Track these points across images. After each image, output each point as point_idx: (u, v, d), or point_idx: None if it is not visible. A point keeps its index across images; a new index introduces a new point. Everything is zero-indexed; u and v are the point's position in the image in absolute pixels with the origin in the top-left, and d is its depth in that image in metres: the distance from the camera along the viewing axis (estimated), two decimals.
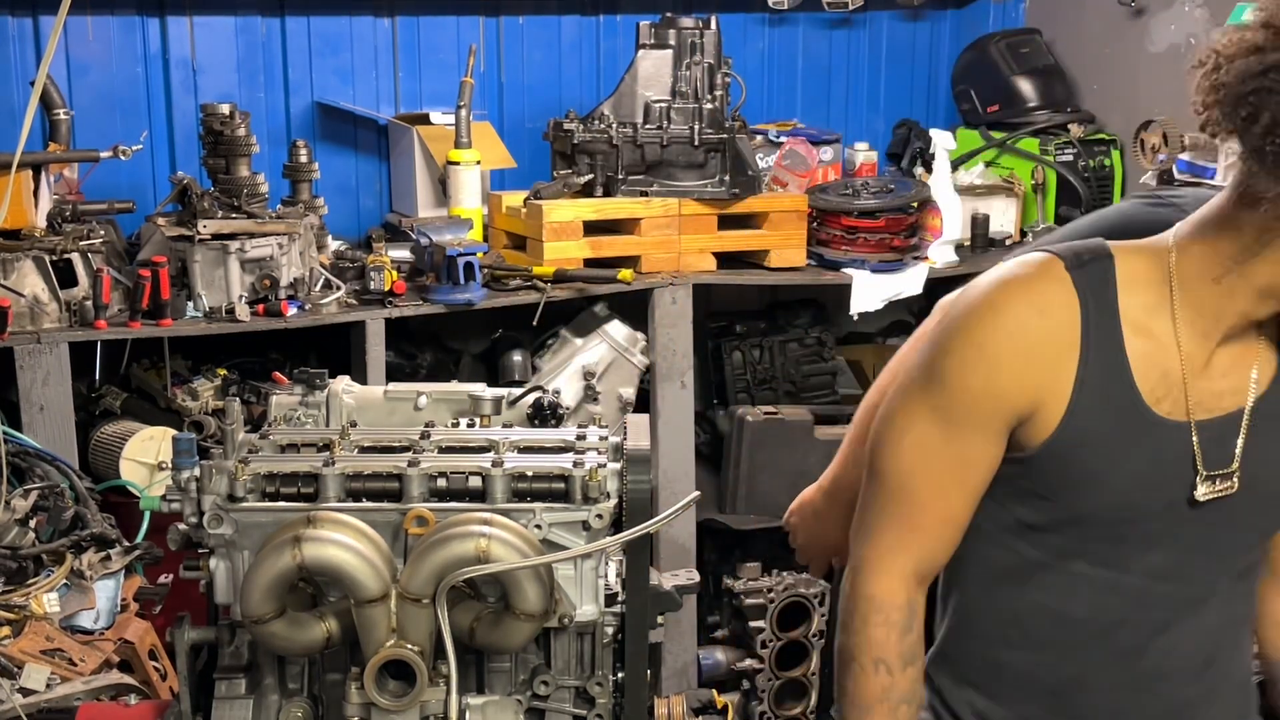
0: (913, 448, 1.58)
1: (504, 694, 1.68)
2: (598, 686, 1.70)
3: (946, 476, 1.58)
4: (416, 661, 1.53)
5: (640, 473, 1.65)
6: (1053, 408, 1.53)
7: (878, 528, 1.62)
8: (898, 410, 1.61)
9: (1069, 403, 1.52)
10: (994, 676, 1.68)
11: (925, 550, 1.61)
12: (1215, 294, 1.51)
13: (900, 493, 1.60)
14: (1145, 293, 1.54)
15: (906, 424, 1.59)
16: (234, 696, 1.68)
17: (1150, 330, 1.53)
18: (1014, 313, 1.52)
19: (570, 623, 1.65)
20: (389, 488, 1.64)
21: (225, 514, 1.60)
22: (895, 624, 1.61)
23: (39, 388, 3.12)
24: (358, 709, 1.58)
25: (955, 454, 1.56)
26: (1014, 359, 1.52)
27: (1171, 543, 1.59)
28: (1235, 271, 1.49)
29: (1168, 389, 1.54)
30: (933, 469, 1.58)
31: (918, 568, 1.62)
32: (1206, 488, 1.56)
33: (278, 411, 1.97)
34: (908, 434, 1.58)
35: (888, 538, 1.61)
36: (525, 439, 1.78)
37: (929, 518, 1.60)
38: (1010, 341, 1.52)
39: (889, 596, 1.61)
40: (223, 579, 1.62)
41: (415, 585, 1.53)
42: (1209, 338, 1.54)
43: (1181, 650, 1.64)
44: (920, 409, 1.57)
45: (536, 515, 1.61)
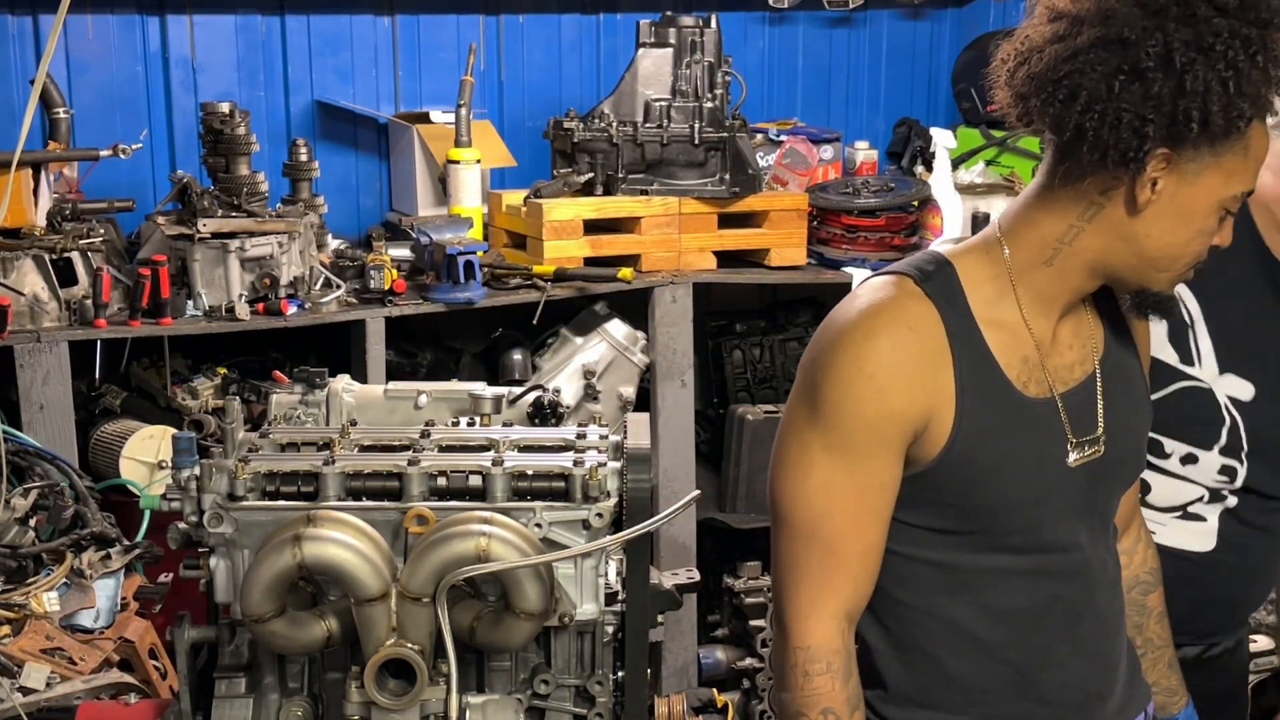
0: (818, 489, 1.59)
1: (504, 693, 1.68)
2: (598, 685, 1.69)
3: (859, 509, 1.59)
4: (417, 660, 1.53)
5: (640, 472, 1.65)
6: (942, 417, 1.57)
7: (800, 577, 1.62)
8: (792, 454, 1.61)
9: (955, 408, 1.57)
10: (948, 690, 1.68)
11: (852, 587, 1.62)
12: (1049, 276, 1.60)
13: (815, 537, 1.60)
14: (988, 288, 1.61)
15: (806, 467, 1.59)
16: (234, 695, 1.68)
17: (1001, 321, 1.61)
18: (888, 334, 1.56)
19: (570, 622, 1.64)
20: (389, 487, 1.64)
21: (225, 513, 1.60)
22: (838, 671, 1.61)
23: (39, 386, 3.12)
24: (358, 708, 1.58)
25: (862, 485, 1.58)
26: (900, 379, 1.55)
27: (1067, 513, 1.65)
28: (1064, 252, 1.59)
29: (1030, 371, 1.62)
30: (844, 506, 1.59)
31: (848, 608, 1.62)
32: (1077, 454, 1.63)
33: (278, 410, 1.97)
34: (810, 477, 1.59)
35: (813, 584, 1.61)
36: (525, 438, 1.78)
37: (850, 554, 1.60)
38: (893, 363, 1.55)
39: (826, 644, 1.61)
40: (223, 578, 1.62)
41: (415, 584, 1.52)
42: (1050, 315, 1.63)
43: (1106, 607, 1.71)
44: (815, 449, 1.58)
45: (537, 514, 1.61)
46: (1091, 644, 1.70)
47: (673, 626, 3.75)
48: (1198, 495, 1.99)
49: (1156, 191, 1.52)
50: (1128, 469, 1.74)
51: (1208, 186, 1.53)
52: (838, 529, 1.59)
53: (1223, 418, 1.95)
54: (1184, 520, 1.99)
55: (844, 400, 1.56)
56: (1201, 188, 1.53)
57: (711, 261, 3.79)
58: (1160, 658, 1.89)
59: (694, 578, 1.83)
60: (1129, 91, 1.47)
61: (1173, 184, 1.52)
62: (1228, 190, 1.54)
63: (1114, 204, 1.55)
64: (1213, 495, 1.99)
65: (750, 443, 3.87)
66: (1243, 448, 1.95)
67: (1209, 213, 1.55)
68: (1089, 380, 1.67)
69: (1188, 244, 1.57)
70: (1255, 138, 1.54)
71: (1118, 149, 1.50)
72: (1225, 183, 1.54)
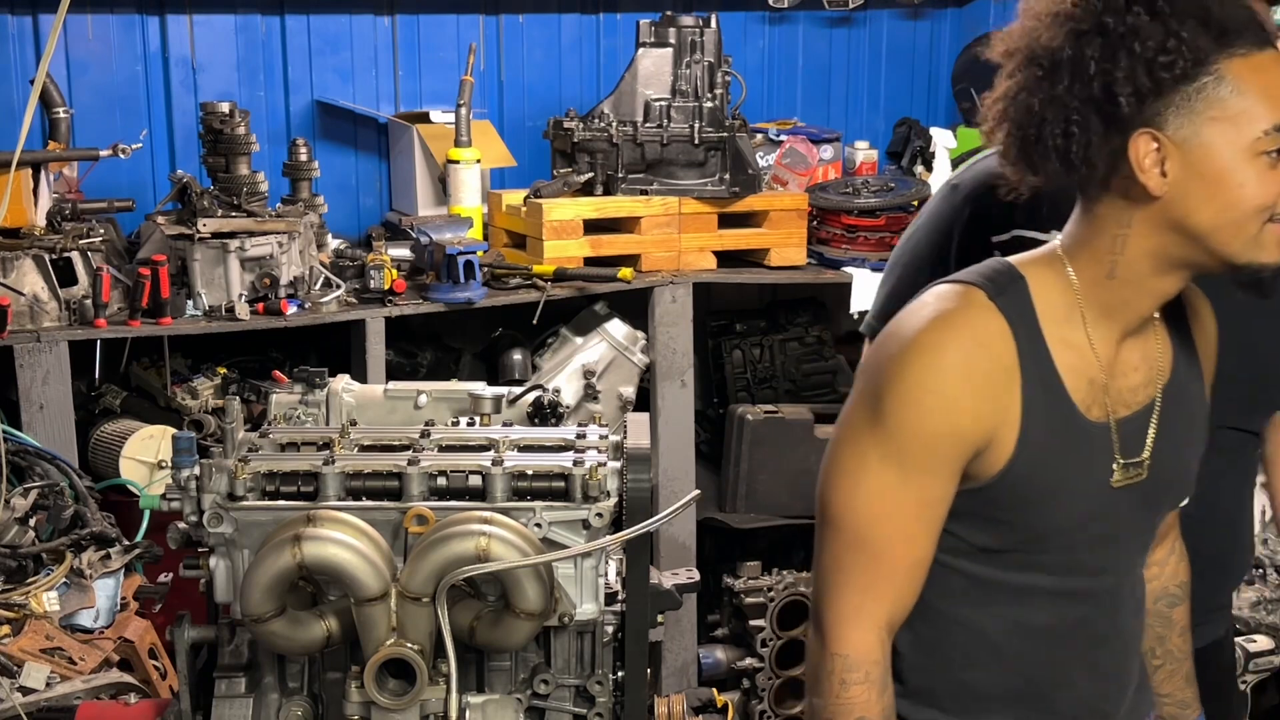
0: (871, 497, 1.56)
1: (504, 693, 1.68)
2: (598, 685, 1.69)
3: (911, 521, 1.57)
4: (416, 660, 1.53)
5: (640, 471, 1.65)
6: (1006, 436, 1.54)
7: (844, 583, 1.59)
8: (847, 459, 1.58)
9: (1020, 428, 1.54)
10: (962, 696, 1.67)
11: (896, 598, 1.59)
12: (1115, 288, 1.56)
13: (864, 544, 1.57)
14: (1057, 304, 1.58)
15: (860, 473, 1.56)
16: (234, 695, 1.68)
17: (1070, 341, 1.57)
18: (958, 349, 1.53)
19: (570, 621, 1.64)
20: (389, 486, 1.64)
21: (225, 513, 1.60)
22: (875, 681, 1.59)
23: (39, 386, 3.12)
24: (358, 708, 1.58)
25: (916, 497, 1.55)
26: (967, 396, 1.52)
27: (1106, 536, 1.64)
28: (1120, 262, 1.55)
29: (1094, 394, 1.59)
30: (896, 517, 1.56)
31: (890, 618, 1.60)
32: (1121, 475, 1.61)
33: (277, 410, 1.97)
34: (863, 484, 1.56)
35: (857, 592, 1.58)
36: (525, 437, 1.78)
37: (898, 565, 1.58)
38: (962, 380, 1.52)
39: (866, 653, 1.58)
40: (222, 578, 1.62)
41: (415, 584, 1.52)
42: (1115, 336, 1.60)
43: (1128, 629, 1.71)
44: (872, 457, 1.55)
45: (536, 514, 1.61)
46: (1109, 666, 1.69)
47: (673, 626, 3.75)
48: None
49: (1167, 171, 1.48)
50: (1172, 493, 1.71)
51: (1220, 140, 1.47)
52: (888, 539, 1.57)
53: None
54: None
55: (908, 413, 1.53)
56: (1212, 145, 1.47)
57: (711, 261, 3.79)
58: (1178, 670, 1.88)
59: (694, 578, 1.82)
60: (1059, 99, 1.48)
61: (1178, 157, 1.48)
62: (1249, 133, 1.46)
63: (1140, 201, 1.51)
64: None
65: (750, 443, 3.87)
66: None
67: (1242, 163, 1.47)
68: (1148, 406, 1.63)
69: (1237, 203, 1.48)
70: (1247, 73, 1.46)
71: (1084, 155, 1.49)
72: (1238, 129, 1.46)
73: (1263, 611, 3.05)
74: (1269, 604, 3.06)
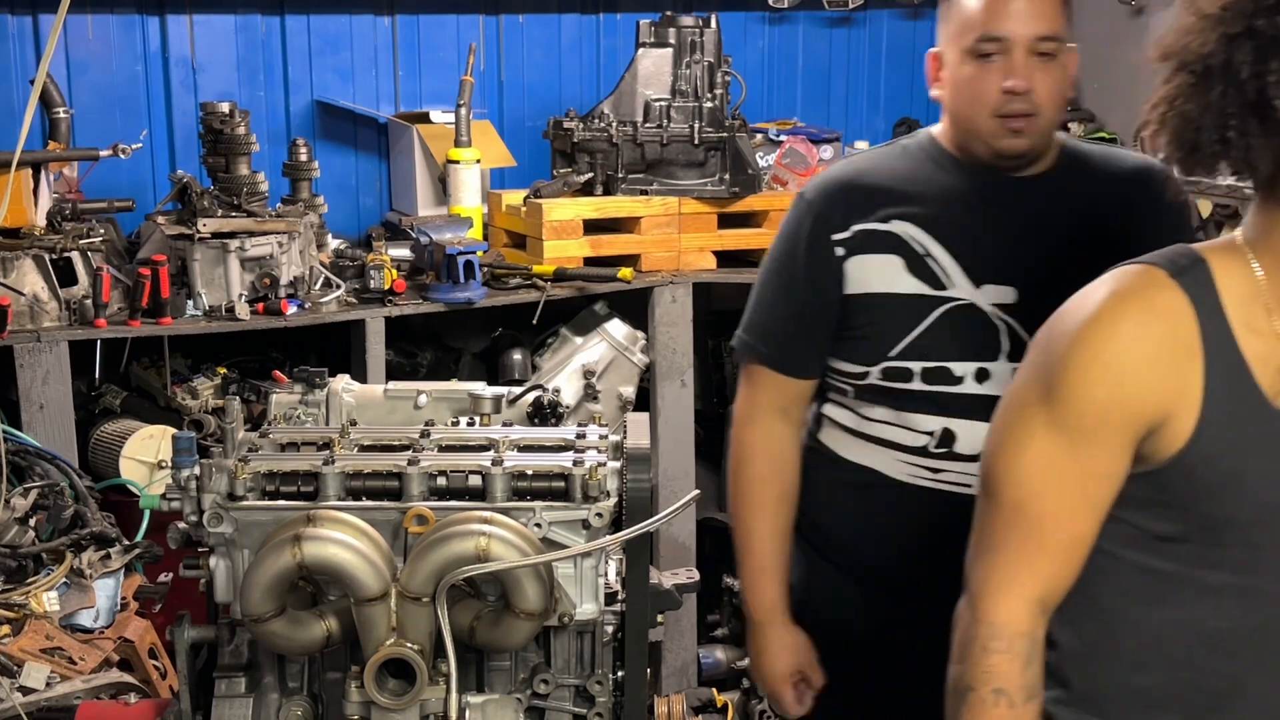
0: (1035, 465, 1.52)
1: (504, 692, 1.68)
2: (597, 685, 1.70)
3: (1074, 494, 1.52)
4: (416, 660, 1.53)
5: (640, 471, 1.65)
6: (1183, 416, 1.49)
7: (999, 551, 1.55)
8: (1014, 428, 1.54)
9: (1200, 410, 1.48)
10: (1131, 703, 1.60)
11: (1051, 574, 1.54)
12: None
13: (1022, 513, 1.54)
14: (1243, 290, 1.52)
15: (1025, 441, 1.53)
16: (234, 695, 1.68)
17: (1256, 328, 1.51)
18: (1133, 321, 1.49)
19: (570, 621, 1.64)
20: (389, 486, 1.64)
21: (225, 512, 1.60)
22: (1019, 653, 1.54)
23: (39, 386, 3.12)
24: (358, 708, 1.58)
25: (1082, 470, 1.51)
26: (1139, 367, 1.48)
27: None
28: None
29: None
30: (1058, 486, 1.52)
31: (1044, 594, 1.55)
32: None
33: (277, 410, 1.97)
34: (1028, 451, 1.52)
35: (1011, 561, 1.54)
36: (525, 437, 1.78)
37: (1056, 538, 1.54)
38: (1133, 350, 1.48)
39: (1013, 624, 1.54)
40: (223, 578, 1.62)
41: (415, 584, 1.52)
42: None
43: None
44: (1039, 426, 1.52)
45: (536, 514, 1.61)
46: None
47: (672, 626, 3.75)
48: None
49: None
50: None
51: None
52: (1047, 509, 1.52)
53: (996, 325, 1.98)
54: None
55: (1076, 382, 1.49)
56: None
57: (711, 261, 3.79)
58: None
59: (694, 577, 1.83)
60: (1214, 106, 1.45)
61: None
62: None
63: None
64: None
65: None
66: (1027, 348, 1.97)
67: None
68: None
69: None
70: None
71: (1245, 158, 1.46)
72: None
73: None
74: None
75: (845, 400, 2.08)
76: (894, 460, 2.03)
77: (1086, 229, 2.01)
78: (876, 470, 2.05)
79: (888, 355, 2.00)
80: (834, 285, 2.03)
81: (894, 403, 2.02)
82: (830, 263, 2.03)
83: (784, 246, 2.11)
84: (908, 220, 1.99)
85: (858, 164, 2.09)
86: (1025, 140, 1.95)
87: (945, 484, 2.01)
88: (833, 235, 2.02)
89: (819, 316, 2.07)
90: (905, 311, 1.98)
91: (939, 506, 2.00)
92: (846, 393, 2.07)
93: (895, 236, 1.99)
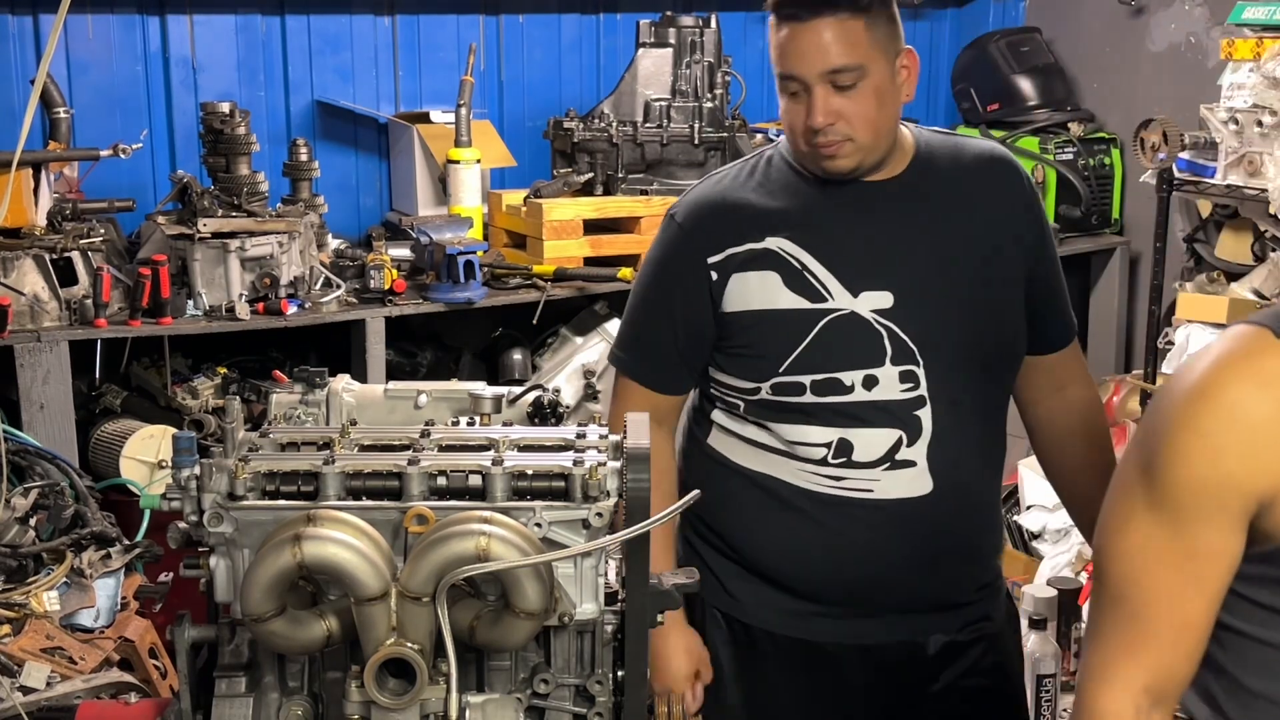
0: (1136, 547, 1.44)
1: (504, 692, 1.68)
2: (598, 685, 1.70)
3: (1178, 577, 1.43)
4: (416, 660, 1.53)
5: (640, 471, 1.65)
6: None
7: (1104, 637, 1.48)
8: (1115, 510, 1.47)
9: None
10: None
11: (1159, 662, 1.45)
12: None
13: (1124, 599, 1.46)
14: None
15: (1124, 523, 1.45)
16: (234, 695, 1.68)
17: None
18: (1232, 392, 1.39)
19: (570, 621, 1.64)
20: (389, 486, 1.64)
21: (225, 512, 1.60)
22: None
23: (39, 386, 3.12)
24: (358, 707, 1.58)
25: (1186, 550, 1.42)
26: (1239, 442, 1.38)
27: None
28: None
29: None
30: (1162, 569, 1.43)
31: (1150, 682, 1.47)
32: None
33: (278, 410, 1.97)
34: (1129, 533, 1.45)
35: (1113, 647, 1.47)
36: (525, 437, 1.78)
37: (1161, 625, 1.45)
38: (1232, 424, 1.38)
39: (1115, 712, 1.46)
40: (223, 577, 1.62)
41: (415, 583, 1.52)
42: None
43: None
44: (1139, 506, 1.44)
45: (536, 513, 1.61)
46: None
47: None
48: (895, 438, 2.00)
49: None
50: None
51: None
52: (1150, 595, 1.44)
53: (878, 331, 1.98)
54: (894, 470, 2.00)
55: (1174, 459, 1.40)
56: None
57: None
58: None
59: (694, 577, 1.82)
60: None
61: None
62: None
63: None
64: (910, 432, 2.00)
65: None
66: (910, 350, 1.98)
67: None
68: None
69: None
70: None
71: None
72: None
73: None
74: None
75: (737, 414, 2.08)
76: (794, 470, 2.03)
77: (948, 223, 2.03)
78: (777, 478, 2.05)
79: (778, 371, 2.00)
80: (708, 306, 2.04)
81: (787, 417, 2.02)
82: (704, 285, 2.03)
83: (655, 269, 2.10)
84: (780, 236, 2.00)
85: (723, 184, 2.08)
86: (847, 161, 1.96)
87: (847, 490, 2.01)
88: (707, 259, 2.02)
89: (692, 338, 2.07)
90: (789, 327, 1.99)
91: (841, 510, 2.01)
92: (738, 407, 2.07)
93: (772, 253, 2.00)
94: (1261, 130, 3.39)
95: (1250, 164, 3.44)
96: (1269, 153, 3.38)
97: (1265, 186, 3.39)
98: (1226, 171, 3.50)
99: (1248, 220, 3.79)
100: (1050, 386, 2.16)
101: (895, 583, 2.03)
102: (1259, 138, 3.40)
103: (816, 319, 1.99)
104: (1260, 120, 3.39)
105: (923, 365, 1.98)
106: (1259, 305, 3.59)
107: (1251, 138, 3.42)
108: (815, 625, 2.07)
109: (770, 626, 2.10)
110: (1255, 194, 3.45)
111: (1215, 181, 3.54)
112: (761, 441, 2.06)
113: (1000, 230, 2.05)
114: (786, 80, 1.96)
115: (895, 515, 2.00)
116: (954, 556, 2.06)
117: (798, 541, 2.05)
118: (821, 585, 2.05)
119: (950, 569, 2.07)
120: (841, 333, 1.99)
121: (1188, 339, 3.67)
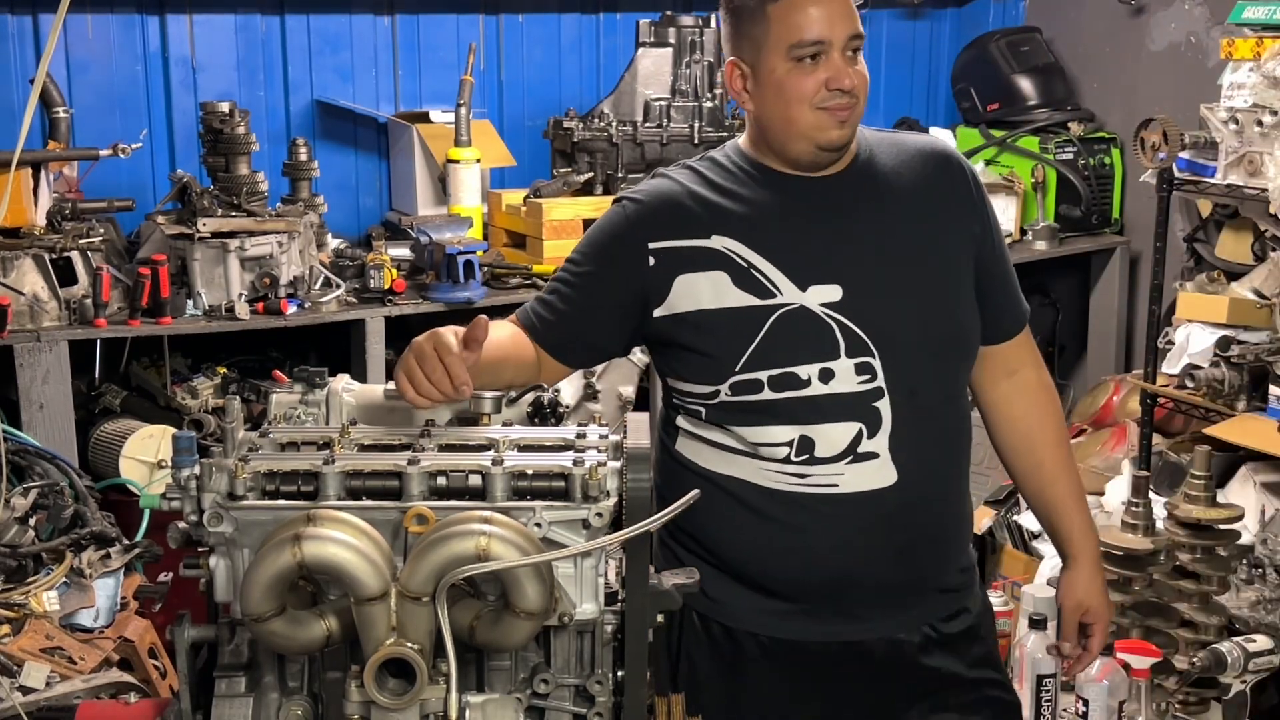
0: None
1: (504, 692, 1.68)
2: (597, 685, 1.69)
3: None
4: (416, 660, 1.53)
5: (640, 471, 1.65)
6: None
7: None
8: None
9: None
10: None
11: None
12: None
13: None
14: None
15: None
16: (234, 695, 1.68)
17: None
18: None
19: (570, 621, 1.64)
20: (389, 486, 1.64)
21: (225, 512, 1.59)
22: None
23: (39, 386, 3.12)
24: (358, 707, 1.57)
25: None
26: None
27: None
28: None
29: None
30: None
31: None
32: None
33: (277, 410, 1.97)
34: None
35: None
36: (525, 437, 1.78)
37: None
38: None
39: None
40: (222, 577, 1.62)
41: (415, 583, 1.52)
42: None
43: None
44: None
45: (536, 513, 1.61)
46: None
47: None
48: (855, 430, 2.00)
49: None
50: None
51: None
52: None
53: (828, 324, 2.00)
54: (857, 464, 2.00)
55: None
56: None
57: None
58: None
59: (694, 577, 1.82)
60: None
61: None
62: None
63: None
64: (869, 424, 2.00)
65: None
66: (864, 341, 1.99)
67: None
68: None
69: None
70: None
71: None
72: None
73: (1262, 611, 3.05)
74: (1269, 604, 3.06)
75: (700, 420, 2.08)
76: (758, 470, 2.04)
77: (893, 216, 2.04)
78: (743, 480, 2.05)
79: (735, 370, 2.00)
80: (637, 292, 2.04)
81: (748, 419, 2.02)
82: (639, 269, 2.03)
83: (596, 244, 2.10)
84: (727, 235, 2.01)
85: (677, 179, 2.10)
86: (847, 129, 1.99)
87: (811, 487, 2.01)
88: (648, 243, 2.03)
89: (609, 316, 2.08)
90: (740, 324, 2.00)
91: (807, 507, 2.01)
92: (699, 414, 2.07)
93: (718, 253, 2.01)
94: (1261, 130, 3.39)
95: (1250, 164, 3.44)
96: (1269, 152, 3.38)
97: (1265, 186, 3.39)
98: (1226, 171, 3.50)
99: (1248, 220, 3.79)
100: (1003, 371, 2.19)
101: (869, 576, 2.03)
102: (1259, 137, 3.40)
103: (767, 315, 2.00)
104: (1260, 120, 3.39)
105: (878, 356, 1.99)
106: (1259, 305, 3.59)
107: (1251, 137, 3.42)
108: (797, 624, 2.07)
109: (753, 628, 2.10)
110: (1255, 194, 3.45)
111: (1215, 181, 3.54)
112: (726, 444, 2.07)
113: (945, 222, 2.07)
114: (807, 47, 1.96)
115: (862, 508, 2.01)
116: (925, 546, 2.07)
117: (769, 542, 2.05)
118: (797, 584, 2.05)
119: (922, 559, 2.07)
120: (793, 327, 2.00)
121: (1188, 339, 3.67)
